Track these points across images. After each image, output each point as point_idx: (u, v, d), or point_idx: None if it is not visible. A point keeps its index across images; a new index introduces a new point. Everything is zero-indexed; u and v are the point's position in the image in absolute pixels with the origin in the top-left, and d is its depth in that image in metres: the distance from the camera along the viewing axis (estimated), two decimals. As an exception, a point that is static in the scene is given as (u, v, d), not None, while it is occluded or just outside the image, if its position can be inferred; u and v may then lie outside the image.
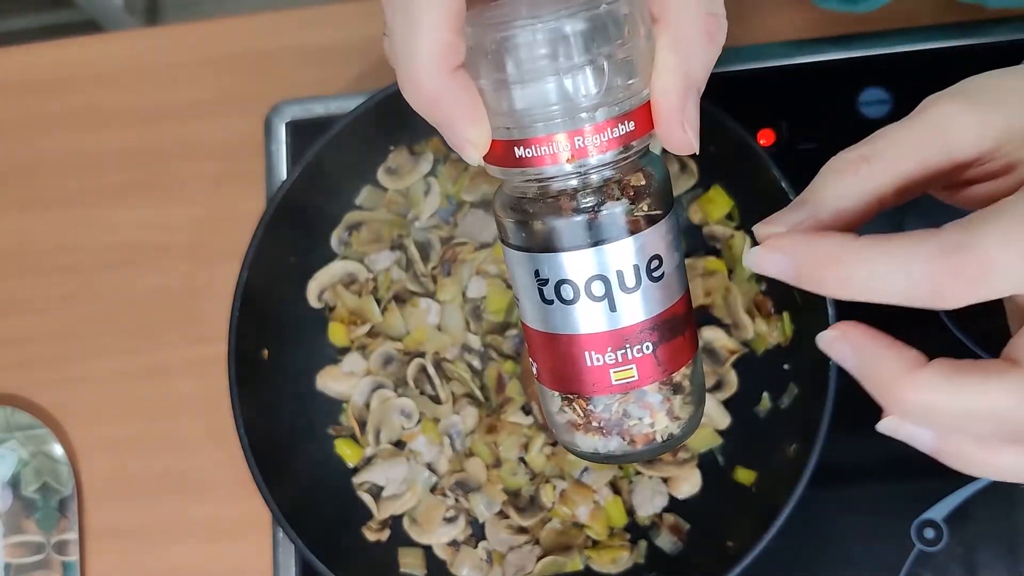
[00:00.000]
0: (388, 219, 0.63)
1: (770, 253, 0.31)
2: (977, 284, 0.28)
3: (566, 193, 0.32)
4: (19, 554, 0.62)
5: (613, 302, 0.33)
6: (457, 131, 0.32)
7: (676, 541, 0.58)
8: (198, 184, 0.68)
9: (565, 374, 0.34)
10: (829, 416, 0.52)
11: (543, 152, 0.31)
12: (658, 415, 0.35)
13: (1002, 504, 0.56)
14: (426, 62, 0.31)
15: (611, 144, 0.31)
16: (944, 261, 0.28)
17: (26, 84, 0.72)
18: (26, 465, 0.64)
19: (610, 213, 0.32)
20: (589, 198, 0.32)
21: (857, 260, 0.29)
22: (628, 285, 0.33)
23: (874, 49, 0.62)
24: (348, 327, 0.62)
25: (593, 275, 0.33)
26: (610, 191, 0.32)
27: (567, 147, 0.31)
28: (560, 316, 0.34)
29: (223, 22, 0.72)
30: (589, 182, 0.32)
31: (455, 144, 0.32)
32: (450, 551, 0.59)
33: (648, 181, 0.33)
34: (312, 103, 0.66)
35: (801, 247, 0.31)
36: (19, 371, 0.67)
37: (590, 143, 0.31)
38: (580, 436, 0.35)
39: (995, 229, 0.28)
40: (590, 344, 0.34)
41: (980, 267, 0.28)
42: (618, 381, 0.34)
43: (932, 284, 0.28)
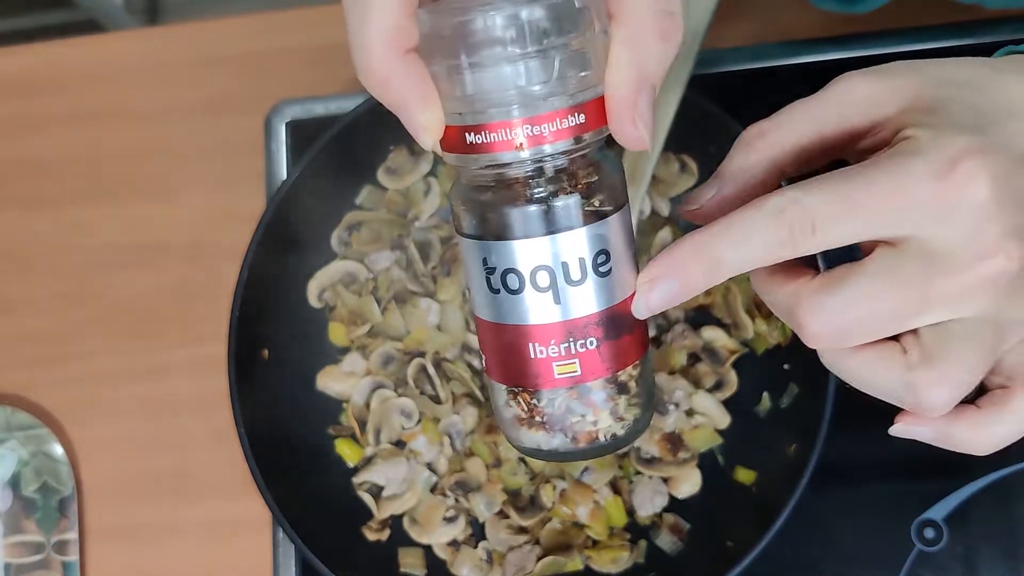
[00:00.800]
0: (388, 219, 0.63)
1: (652, 287, 0.34)
2: (810, 232, 0.32)
3: (517, 182, 0.33)
4: (19, 554, 0.62)
5: (558, 294, 0.33)
6: (410, 115, 0.32)
7: (676, 541, 0.58)
8: (198, 184, 0.68)
9: (510, 366, 0.35)
10: (829, 416, 0.52)
11: (493, 139, 0.32)
12: (601, 414, 0.35)
13: (1002, 504, 0.56)
14: (377, 44, 0.32)
15: (562, 134, 0.32)
16: (780, 217, 0.32)
17: (26, 84, 0.72)
18: (26, 465, 0.64)
19: (559, 205, 0.33)
20: (538, 188, 0.33)
21: (714, 240, 0.33)
22: (573, 278, 0.33)
23: (874, 49, 0.62)
24: (348, 327, 0.62)
25: (538, 265, 0.33)
26: (560, 182, 0.33)
27: (518, 135, 0.32)
28: (506, 306, 0.34)
29: (223, 22, 0.72)
30: (539, 172, 0.33)
31: (410, 128, 0.33)
32: (450, 551, 0.59)
33: (599, 176, 0.34)
34: (312, 103, 0.66)
35: (665, 262, 0.34)
36: (19, 371, 0.67)
37: (540, 132, 0.32)
38: (524, 431, 0.36)
39: (817, 184, 0.32)
40: (534, 335, 0.34)
41: (805, 215, 0.32)
42: (561, 375, 0.34)
43: (777, 236, 0.32)
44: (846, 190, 0.32)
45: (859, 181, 0.32)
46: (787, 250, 0.32)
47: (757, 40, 0.64)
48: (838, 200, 0.32)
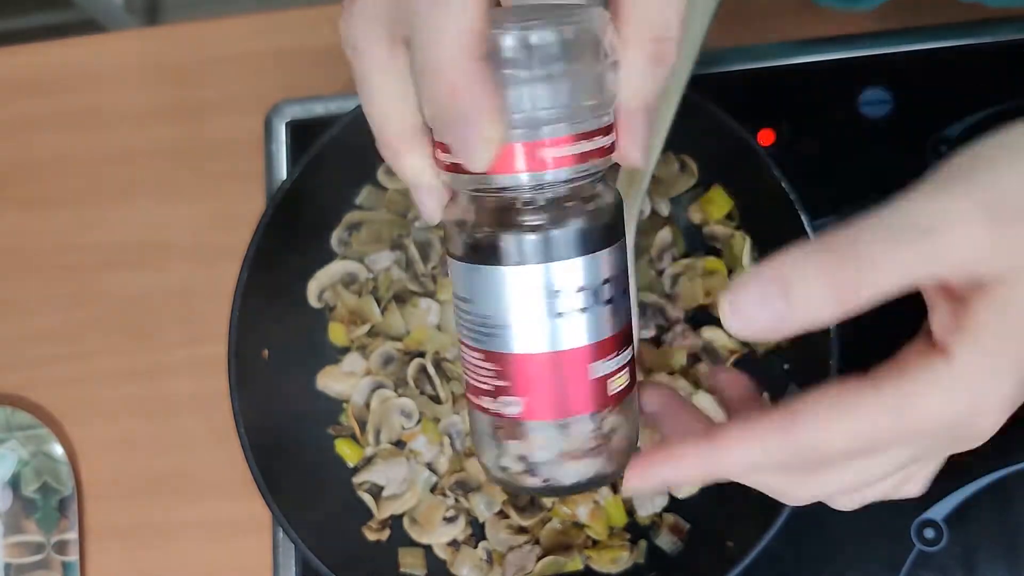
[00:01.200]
0: (388, 219, 0.63)
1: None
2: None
3: (577, 198, 0.32)
4: (19, 554, 0.62)
5: (616, 304, 0.33)
6: (476, 127, 0.30)
7: (676, 541, 0.58)
8: (198, 184, 0.68)
9: (569, 394, 0.34)
10: (829, 416, 0.52)
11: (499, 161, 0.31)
12: (635, 425, 0.36)
13: (1002, 504, 0.56)
14: (454, 47, 0.29)
15: (567, 161, 0.31)
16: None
17: (26, 84, 0.72)
18: (26, 465, 0.64)
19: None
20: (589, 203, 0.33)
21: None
22: (622, 287, 0.34)
23: (874, 49, 0.62)
24: (348, 327, 0.62)
25: (606, 277, 0.33)
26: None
27: (522, 158, 0.31)
28: (568, 328, 0.33)
29: (223, 22, 0.72)
30: (548, 196, 0.32)
31: (467, 142, 0.30)
32: (450, 551, 0.59)
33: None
34: (312, 103, 0.66)
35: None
36: (19, 371, 0.67)
37: (546, 156, 0.31)
38: (570, 466, 0.34)
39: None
40: (597, 353, 0.33)
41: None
42: (614, 390, 0.34)
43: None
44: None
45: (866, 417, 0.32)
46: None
47: (757, 40, 0.64)
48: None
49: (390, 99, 0.34)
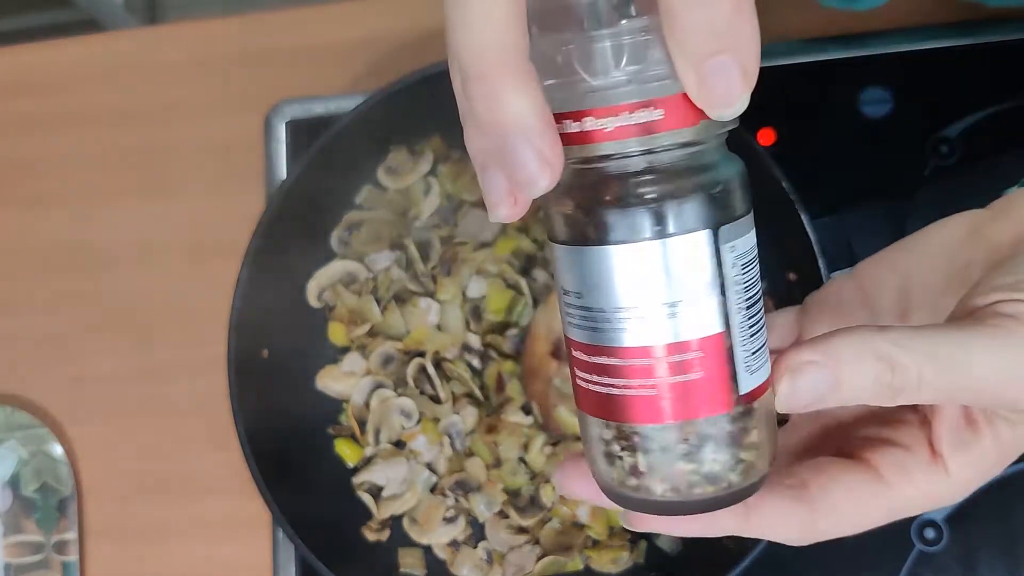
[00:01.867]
0: (388, 219, 0.63)
1: (810, 372, 0.30)
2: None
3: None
4: (19, 554, 0.62)
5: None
6: (533, 134, 0.27)
7: (676, 541, 0.58)
8: (198, 184, 0.68)
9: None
10: (829, 416, 0.52)
11: (601, 126, 0.28)
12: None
13: (1002, 504, 0.56)
14: (497, 45, 0.27)
15: (681, 121, 0.28)
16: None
17: (26, 84, 0.72)
18: (26, 465, 0.64)
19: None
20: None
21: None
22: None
23: (874, 49, 0.62)
24: (348, 327, 0.62)
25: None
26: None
27: (632, 121, 0.28)
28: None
29: (223, 21, 0.72)
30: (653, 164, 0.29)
31: (522, 156, 0.27)
32: (450, 551, 0.59)
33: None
34: (312, 103, 0.66)
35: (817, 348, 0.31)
36: (19, 371, 0.67)
37: (658, 117, 0.28)
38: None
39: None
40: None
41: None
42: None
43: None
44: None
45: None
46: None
47: (757, 40, 0.64)
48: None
49: (496, 13, 0.27)
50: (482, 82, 0.27)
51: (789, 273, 0.57)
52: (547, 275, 0.61)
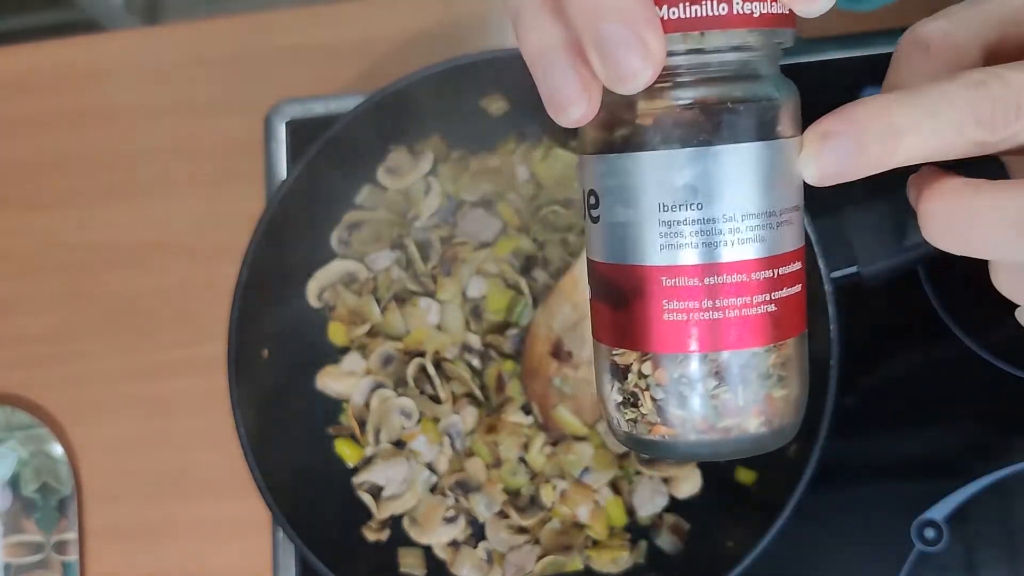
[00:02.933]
0: (388, 219, 0.63)
1: (825, 144, 0.28)
2: (1015, 113, 0.27)
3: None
4: (19, 554, 0.62)
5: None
6: (640, 20, 0.25)
7: (676, 541, 0.58)
8: (198, 184, 0.68)
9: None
10: (829, 416, 0.52)
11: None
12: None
13: (1002, 504, 0.56)
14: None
15: (732, 21, 0.27)
16: (980, 89, 0.27)
17: (26, 84, 0.72)
18: (26, 465, 0.64)
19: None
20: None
21: (898, 104, 0.28)
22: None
23: (874, 49, 0.62)
24: (348, 327, 0.62)
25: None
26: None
27: (680, 18, 0.26)
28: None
29: (223, 21, 0.72)
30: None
31: (624, 44, 0.25)
32: (450, 551, 0.59)
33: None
34: (312, 103, 0.66)
35: (840, 116, 0.28)
36: (19, 371, 0.67)
37: (709, 14, 0.27)
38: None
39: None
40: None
41: (1011, 93, 0.27)
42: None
43: (974, 111, 0.27)
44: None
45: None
46: (983, 132, 0.27)
47: (757, 40, 0.64)
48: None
49: None
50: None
51: (789, 273, 0.57)
52: (547, 275, 0.61)
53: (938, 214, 0.29)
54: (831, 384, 0.52)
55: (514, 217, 0.62)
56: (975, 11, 0.31)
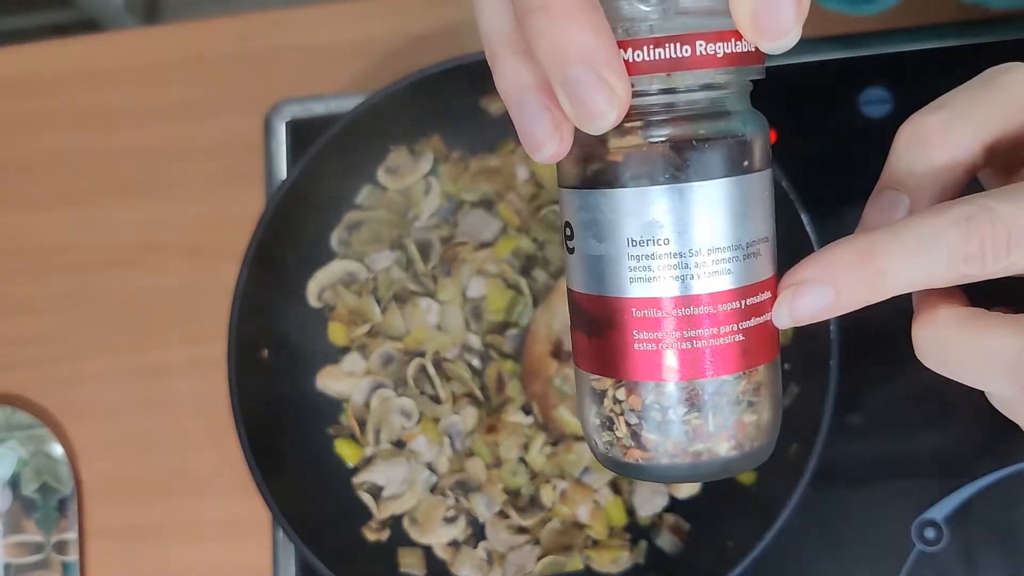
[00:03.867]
0: (388, 219, 0.63)
1: (800, 293, 0.29)
2: (1004, 248, 0.27)
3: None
4: (19, 554, 0.62)
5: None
6: (603, 62, 0.26)
7: (676, 541, 0.58)
8: (198, 184, 0.68)
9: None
10: (829, 416, 0.52)
11: (675, 53, 0.27)
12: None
13: (1002, 504, 0.56)
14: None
15: (705, 62, 0.27)
16: (968, 225, 0.27)
17: (26, 84, 0.72)
18: (26, 465, 0.64)
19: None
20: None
21: (883, 245, 0.28)
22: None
23: (874, 49, 0.62)
24: (348, 327, 0.62)
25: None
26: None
27: (653, 58, 0.27)
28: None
29: (223, 21, 0.72)
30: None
31: (590, 86, 0.26)
32: (450, 551, 0.59)
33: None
34: (312, 103, 0.66)
35: (818, 265, 0.29)
36: (19, 371, 0.67)
37: (681, 55, 0.27)
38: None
39: (1014, 191, 0.28)
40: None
41: (1001, 226, 0.27)
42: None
43: (962, 249, 0.27)
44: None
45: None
46: (972, 268, 0.27)
47: (757, 40, 0.64)
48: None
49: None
50: (545, 11, 0.26)
51: (789, 273, 0.57)
52: (547, 275, 0.61)
53: (929, 345, 0.30)
54: (831, 384, 0.52)
55: (514, 217, 0.62)
56: (976, 102, 0.31)
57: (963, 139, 0.30)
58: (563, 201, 0.30)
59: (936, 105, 0.31)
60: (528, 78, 0.28)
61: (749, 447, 0.30)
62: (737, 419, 0.29)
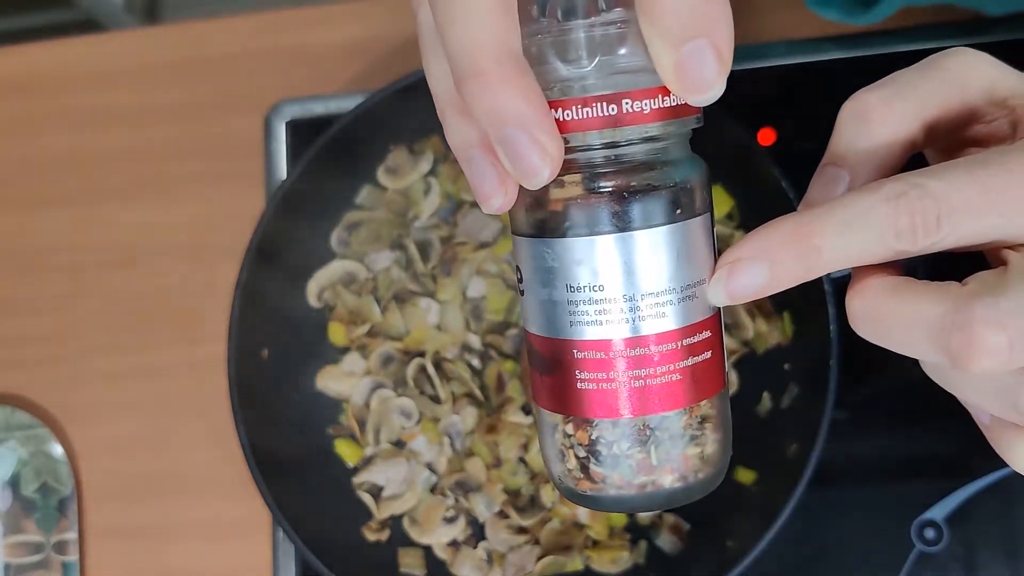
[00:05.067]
0: (388, 219, 0.63)
1: (735, 271, 0.30)
2: (935, 224, 0.28)
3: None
4: (19, 554, 0.62)
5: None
6: (533, 129, 0.27)
7: (676, 541, 0.58)
8: (198, 184, 0.68)
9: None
10: (829, 416, 0.52)
11: (583, 114, 0.28)
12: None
13: (1002, 504, 0.56)
14: (491, 41, 0.27)
15: (645, 117, 0.29)
16: (899, 201, 0.28)
17: (26, 84, 0.72)
18: (26, 465, 0.64)
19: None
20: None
21: (816, 222, 0.29)
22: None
23: (874, 49, 0.62)
24: (348, 327, 0.62)
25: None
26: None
27: (596, 113, 0.28)
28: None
29: (223, 21, 0.72)
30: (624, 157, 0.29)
31: (521, 149, 0.27)
32: (450, 551, 0.59)
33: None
34: (312, 103, 0.66)
35: (754, 243, 0.29)
36: (19, 371, 0.67)
37: (623, 110, 0.28)
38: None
39: (945, 169, 0.29)
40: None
41: (931, 203, 0.28)
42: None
43: (893, 225, 0.28)
44: (984, 177, 0.28)
45: (999, 168, 0.28)
46: (903, 243, 0.28)
47: (757, 40, 0.64)
48: (973, 188, 0.28)
49: (488, 7, 0.27)
50: (479, 80, 0.27)
51: (789, 273, 0.57)
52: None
53: (861, 314, 0.31)
54: (831, 384, 0.52)
55: (514, 217, 0.62)
56: (918, 83, 0.32)
57: (903, 116, 0.31)
58: (514, 247, 0.32)
59: (879, 84, 0.32)
60: (473, 136, 0.30)
61: (693, 479, 0.32)
62: (680, 452, 0.31)
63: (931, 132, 0.32)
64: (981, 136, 0.32)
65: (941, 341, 0.28)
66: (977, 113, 0.32)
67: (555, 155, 0.28)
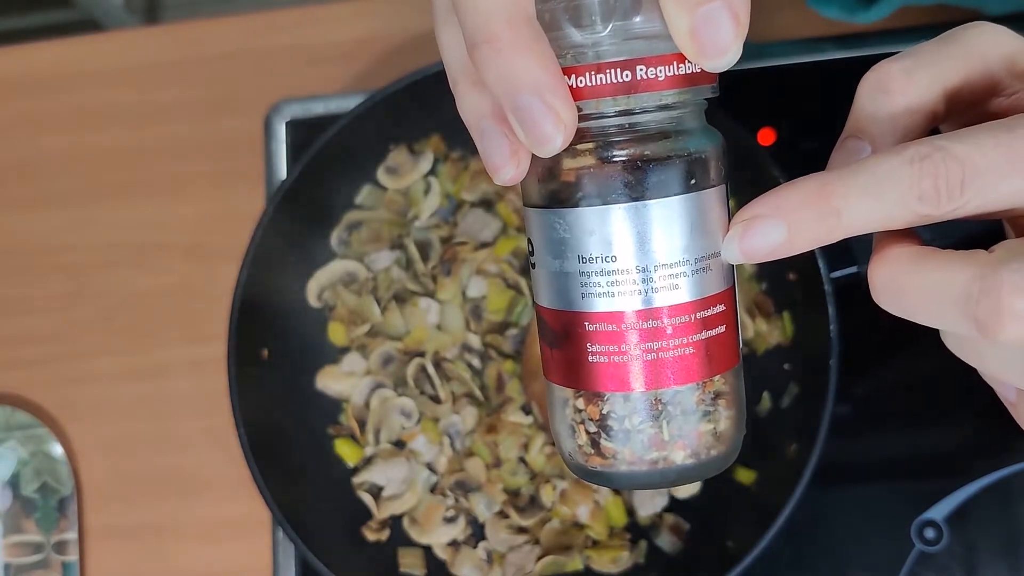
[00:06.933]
0: (388, 218, 0.63)
1: (751, 228, 0.29)
2: (958, 188, 0.27)
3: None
4: (19, 554, 0.62)
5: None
6: (549, 93, 0.27)
7: (676, 541, 0.58)
8: (198, 184, 0.68)
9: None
10: (829, 416, 0.52)
11: (605, 79, 0.28)
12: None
13: (1002, 504, 0.56)
14: (506, 5, 0.27)
15: (660, 84, 0.28)
16: (923, 164, 0.27)
17: (26, 83, 0.72)
18: (26, 465, 0.64)
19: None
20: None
21: (838, 183, 0.28)
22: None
23: (874, 49, 0.62)
24: (348, 327, 0.62)
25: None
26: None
27: (612, 80, 0.28)
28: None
29: (223, 21, 0.72)
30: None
31: (538, 113, 0.27)
32: (450, 551, 0.59)
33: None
34: (312, 102, 0.66)
35: (772, 201, 0.29)
36: (19, 371, 0.67)
37: (638, 77, 0.28)
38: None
39: (969, 133, 0.28)
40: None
41: (955, 166, 0.27)
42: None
43: (916, 188, 0.27)
44: (1009, 140, 0.27)
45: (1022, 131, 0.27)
46: (927, 207, 0.27)
47: (757, 39, 0.64)
48: (998, 152, 0.27)
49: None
50: (493, 44, 0.27)
51: (789, 273, 0.57)
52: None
53: (884, 284, 0.30)
54: (831, 384, 0.52)
55: (514, 217, 0.62)
56: (939, 54, 0.31)
57: (924, 87, 0.31)
58: (526, 219, 0.31)
59: (900, 55, 0.32)
60: (486, 107, 0.29)
61: (706, 456, 0.31)
62: (693, 428, 0.30)
63: (952, 104, 0.31)
64: (1002, 109, 0.31)
65: (967, 309, 0.27)
66: (998, 85, 0.31)
67: (569, 122, 0.27)
